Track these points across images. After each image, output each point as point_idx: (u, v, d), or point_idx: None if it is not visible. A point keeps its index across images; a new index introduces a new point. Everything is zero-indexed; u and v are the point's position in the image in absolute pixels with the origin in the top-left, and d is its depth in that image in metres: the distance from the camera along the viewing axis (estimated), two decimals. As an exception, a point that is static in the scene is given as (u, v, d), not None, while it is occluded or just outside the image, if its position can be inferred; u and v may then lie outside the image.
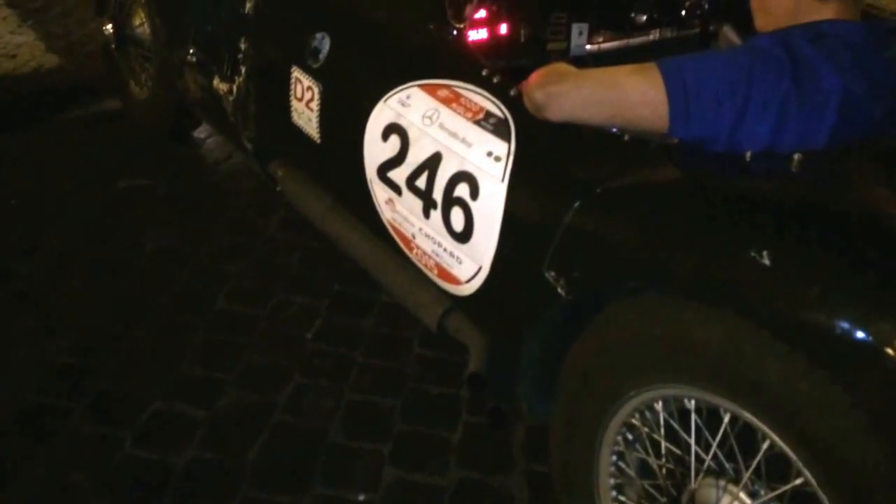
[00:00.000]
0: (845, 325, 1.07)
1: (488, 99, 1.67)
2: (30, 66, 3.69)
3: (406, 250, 1.84)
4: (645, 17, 2.28)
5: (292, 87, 2.04)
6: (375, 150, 1.82)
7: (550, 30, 2.22)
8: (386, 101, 1.80)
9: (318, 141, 2.01)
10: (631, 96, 1.38)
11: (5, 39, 3.92)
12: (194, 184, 2.91)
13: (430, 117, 1.72)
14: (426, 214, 1.71)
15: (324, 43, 1.96)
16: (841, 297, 1.09)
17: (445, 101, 1.71)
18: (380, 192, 1.84)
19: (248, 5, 2.18)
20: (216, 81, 2.41)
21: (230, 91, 2.35)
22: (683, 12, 2.34)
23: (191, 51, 2.52)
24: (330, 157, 2.01)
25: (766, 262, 1.14)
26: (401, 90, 1.78)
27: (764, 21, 1.41)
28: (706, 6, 2.33)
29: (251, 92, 2.26)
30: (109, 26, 3.03)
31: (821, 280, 1.11)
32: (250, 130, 2.34)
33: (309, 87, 1.99)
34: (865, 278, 1.10)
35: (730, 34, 2.38)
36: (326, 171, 2.07)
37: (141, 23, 2.97)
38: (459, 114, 1.68)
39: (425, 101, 1.73)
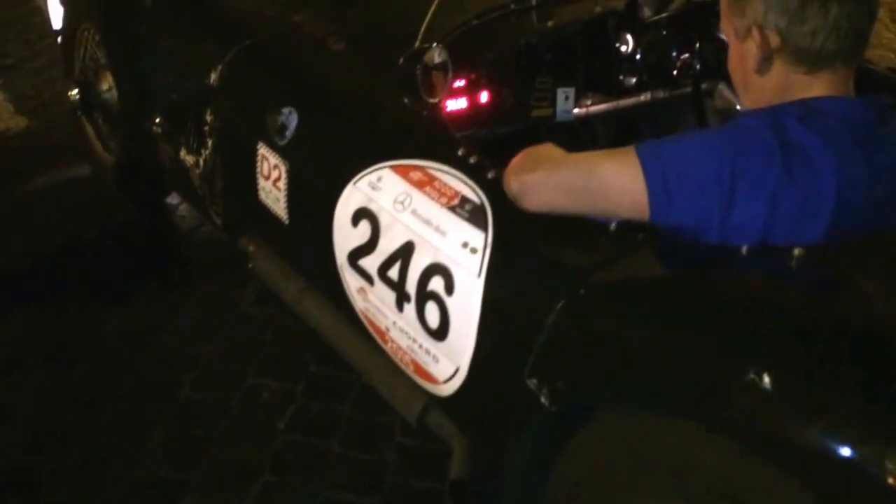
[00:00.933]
0: (857, 460, 0.94)
1: (464, 182, 1.55)
2: (-4, 129, 3.58)
3: (381, 342, 1.70)
4: (634, 80, 2.17)
5: (258, 164, 1.92)
6: (345, 235, 1.69)
7: (535, 95, 2.10)
8: (356, 183, 1.67)
9: (287, 222, 1.88)
10: (609, 184, 1.27)
11: (-28, 102, 3.82)
12: (164, 255, 2.78)
13: (401, 202, 1.59)
14: (399, 307, 1.58)
15: (290, 118, 1.84)
16: (850, 431, 0.95)
17: (418, 185, 1.59)
18: (351, 280, 1.71)
19: (213, 76, 2.07)
20: (183, 153, 2.29)
21: (196, 164, 2.23)
22: (675, 72, 2.23)
23: (157, 119, 2.40)
24: (299, 240, 1.89)
25: (767, 385, 1.01)
26: (371, 171, 1.66)
27: (750, 99, 1.30)
28: (697, 66, 2.22)
29: (218, 166, 2.14)
30: (75, 91, 2.91)
31: (827, 410, 0.98)
32: (218, 205, 2.22)
33: (275, 166, 1.87)
34: (878, 412, 0.97)
35: (726, 93, 2.27)
36: (296, 254, 1.94)
37: (109, 87, 2.86)
38: (433, 199, 1.55)
39: (397, 184, 1.61)
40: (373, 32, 1.97)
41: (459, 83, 1.91)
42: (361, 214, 1.65)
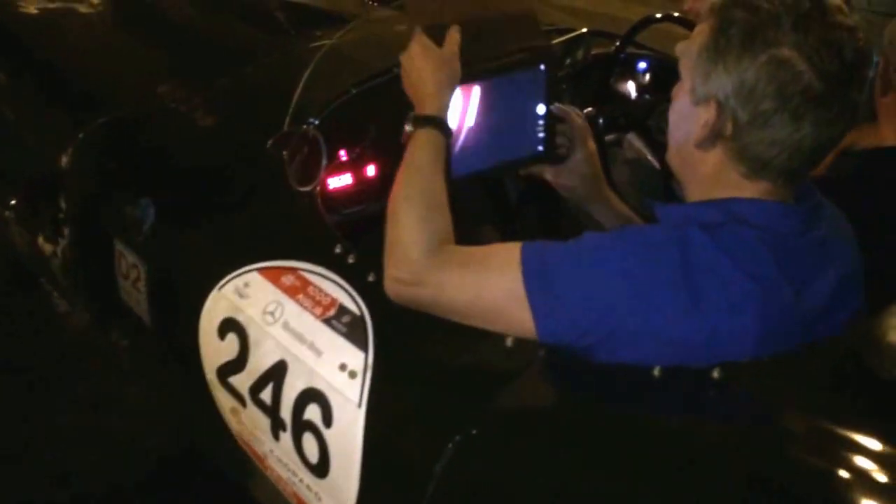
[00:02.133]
0: None
1: (342, 287, 1.35)
2: None
3: (262, 468, 1.48)
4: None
5: (116, 261, 1.69)
6: (212, 348, 1.47)
7: None
8: (220, 288, 1.45)
9: (150, 326, 1.66)
10: (495, 308, 1.10)
11: None
12: (33, 346, 2.48)
13: (271, 313, 1.38)
14: (275, 436, 1.37)
15: (148, 212, 1.61)
16: None
17: (290, 292, 1.38)
18: (223, 399, 1.48)
19: (65, 158, 1.83)
20: (40, 240, 2.03)
21: (55, 253, 1.98)
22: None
23: (12, 201, 2.14)
24: (165, 348, 1.66)
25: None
26: (237, 275, 1.44)
27: (677, 163, 1.14)
28: (601, 120, 2.07)
29: (76, 259, 1.89)
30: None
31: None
32: (82, 299, 1.97)
33: (133, 265, 1.64)
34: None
35: (636, 143, 2.13)
36: (164, 362, 1.71)
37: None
38: (307, 309, 1.34)
39: (266, 291, 1.40)
40: (246, 105, 1.75)
41: (343, 158, 1.71)
42: (228, 326, 1.43)
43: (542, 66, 1.41)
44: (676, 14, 1.99)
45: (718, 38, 1.01)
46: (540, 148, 1.45)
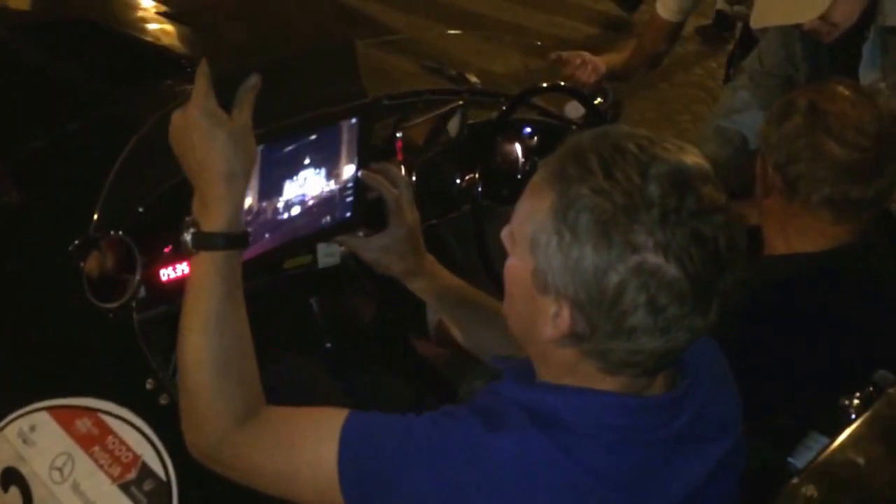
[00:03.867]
0: None
1: (148, 439, 1.11)
2: None
3: None
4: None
5: None
6: (-6, 499, 1.21)
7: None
8: (2, 429, 1.20)
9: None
10: (304, 478, 0.91)
11: None
12: None
13: (59, 469, 1.13)
14: None
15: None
16: None
17: (84, 442, 1.13)
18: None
19: None
20: None
21: None
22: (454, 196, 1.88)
23: None
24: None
25: None
26: (23, 414, 1.19)
27: (522, 340, 0.94)
28: (479, 188, 1.87)
29: None
30: None
31: None
32: None
33: None
34: None
35: (573, 109, 1.92)
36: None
37: None
38: (102, 467, 1.11)
39: (56, 439, 1.15)
40: (58, 181, 1.48)
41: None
42: (11, 477, 1.18)
43: (354, 120, 1.15)
44: (562, 83, 1.83)
45: (564, 219, 0.80)
46: (348, 214, 1.21)
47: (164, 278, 1.44)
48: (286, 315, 1.80)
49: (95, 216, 1.28)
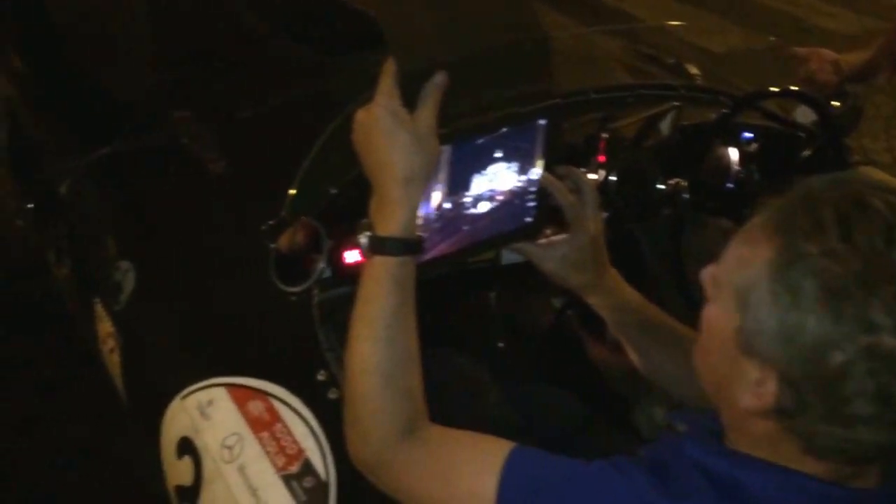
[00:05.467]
0: None
1: (314, 435, 1.11)
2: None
3: None
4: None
5: (96, 323, 1.49)
6: (170, 463, 1.25)
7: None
8: (184, 398, 1.23)
9: (125, 402, 1.46)
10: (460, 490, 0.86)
11: None
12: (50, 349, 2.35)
13: (230, 448, 1.15)
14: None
15: (128, 278, 1.40)
16: None
17: (255, 426, 1.14)
18: (178, 518, 1.28)
19: (64, 187, 1.63)
20: (50, 255, 1.86)
21: (59, 274, 1.81)
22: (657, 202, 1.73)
23: (29, 205, 1.98)
24: (137, 434, 1.45)
25: None
26: (203, 387, 1.22)
27: (726, 428, 0.83)
28: (710, 204, 1.69)
29: (73, 295, 1.71)
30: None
31: None
32: (82, 328, 1.80)
33: (110, 333, 1.43)
34: None
35: (804, 114, 1.74)
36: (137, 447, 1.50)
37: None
38: (268, 454, 1.11)
39: (230, 417, 1.17)
40: (262, 155, 1.50)
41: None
42: (186, 447, 1.21)
43: (542, 122, 1.07)
44: (794, 87, 1.63)
45: (784, 279, 0.69)
46: (528, 219, 1.13)
47: (348, 260, 1.43)
48: (462, 307, 1.76)
49: (290, 196, 1.29)
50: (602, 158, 1.49)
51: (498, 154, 1.07)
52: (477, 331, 1.78)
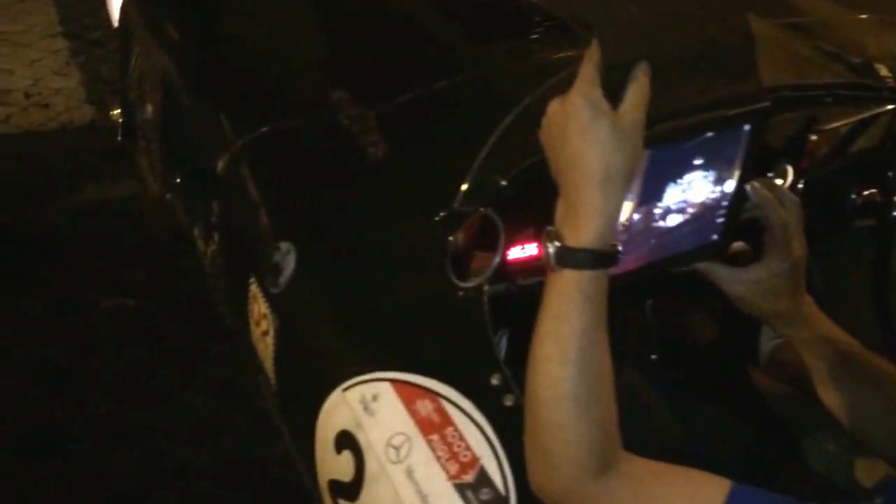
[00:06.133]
0: None
1: (489, 442, 1.04)
2: (59, 120, 3.26)
3: None
4: None
5: (249, 303, 1.46)
6: (327, 456, 1.21)
7: None
8: (346, 390, 1.18)
9: (275, 388, 1.42)
10: None
11: (45, 81, 3.51)
12: (184, 318, 2.37)
13: (397, 448, 1.09)
14: None
15: (288, 260, 1.36)
16: None
17: (424, 427, 1.08)
18: (329, 510, 1.24)
19: (221, 164, 1.61)
20: (196, 231, 1.85)
21: (206, 252, 1.79)
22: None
23: (177, 179, 1.98)
24: (286, 420, 1.42)
25: None
26: (368, 381, 1.16)
27: None
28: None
29: (220, 270, 1.69)
30: (117, 111, 2.52)
31: None
32: (223, 305, 1.78)
33: (264, 315, 1.40)
34: None
35: None
36: (286, 429, 1.46)
37: (154, 112, 2.45)
38: (439, 459, 1.04)
39: (397, 415, 1.11)
40: (427, 141, 1.44)
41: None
42: (346, 441, 1.16)
43: (747, 127, 0.97)
44: None
45: None
46: (715, 237, 1.03)
47: (510, 256, 1.36)
48: (615, 314, 1.66)
49: (464, 187, 1.22)
50: (803, 163, 1.37)
51: (697, 161, 0.97)
52: (629, 340, 1.69)
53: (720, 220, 1.03)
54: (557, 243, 0.82)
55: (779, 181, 1.41)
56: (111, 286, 2.47)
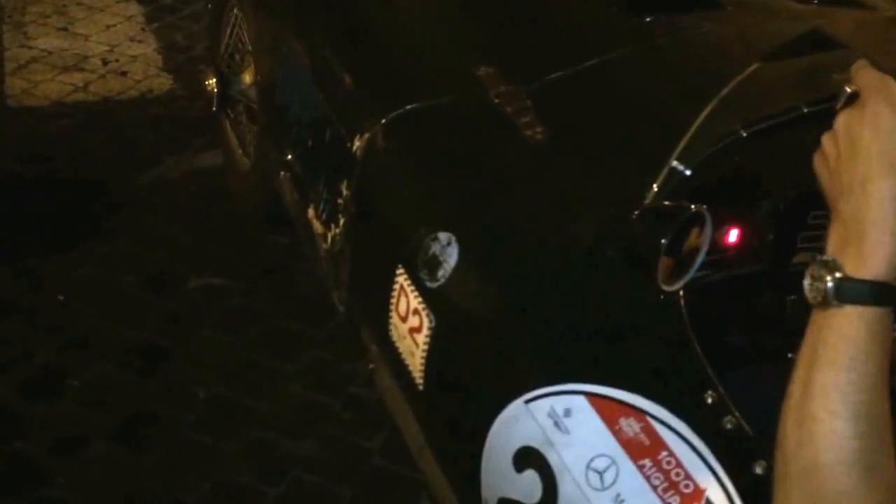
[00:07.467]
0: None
1: (712, 471, 0.92)
2: (137, 89, 3.16)
3: None
4: None
5: (395, 296, 1.34)
6: (500, 473, 1.09)
7: (803, 235, 1.41)
8: (529, 402, 1.07)
9: (421, 388, 1.31)
10: None
11: (122, 48, 3.40)
12: (276, 299, 2.28)
13: (600, 473, 0.97)
14: None
15: (449, 252, 1.24)
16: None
17: (632, 449, 0.96)
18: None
19: (358, 143, 1.49)
20: (311, 214, 1.74)
21: (325, 237, 1.68)
22: None
23: (289, 156, 1.87)
24: (433, 428, 1.30)
25: None
26: (557, 393, 1.05)
27: None
28: None
29: (346, 255, 1.58)
30: (212, 81, 2.42)
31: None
32: (341, 292, 1.68)
33: (416, 311, 1.28)
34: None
35: None
36: (429, 436, 1.35)
37: (252, 82, 2.34)
38: (655, 489, 0.93)
39: (596, 434, 0.99)
40: (589, 121, 1.32)
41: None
42: (530, 459, 1.05)
43: None
44: None
45: None
46: None
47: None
48: (757, 308, 1.54)
49: (657, 182, 1.10)
50: None
51: None
52: (767, 335, 1.56)
53: None
54: (838, 274, 0.70)
55: None
56: (199, 264, 2.38)
